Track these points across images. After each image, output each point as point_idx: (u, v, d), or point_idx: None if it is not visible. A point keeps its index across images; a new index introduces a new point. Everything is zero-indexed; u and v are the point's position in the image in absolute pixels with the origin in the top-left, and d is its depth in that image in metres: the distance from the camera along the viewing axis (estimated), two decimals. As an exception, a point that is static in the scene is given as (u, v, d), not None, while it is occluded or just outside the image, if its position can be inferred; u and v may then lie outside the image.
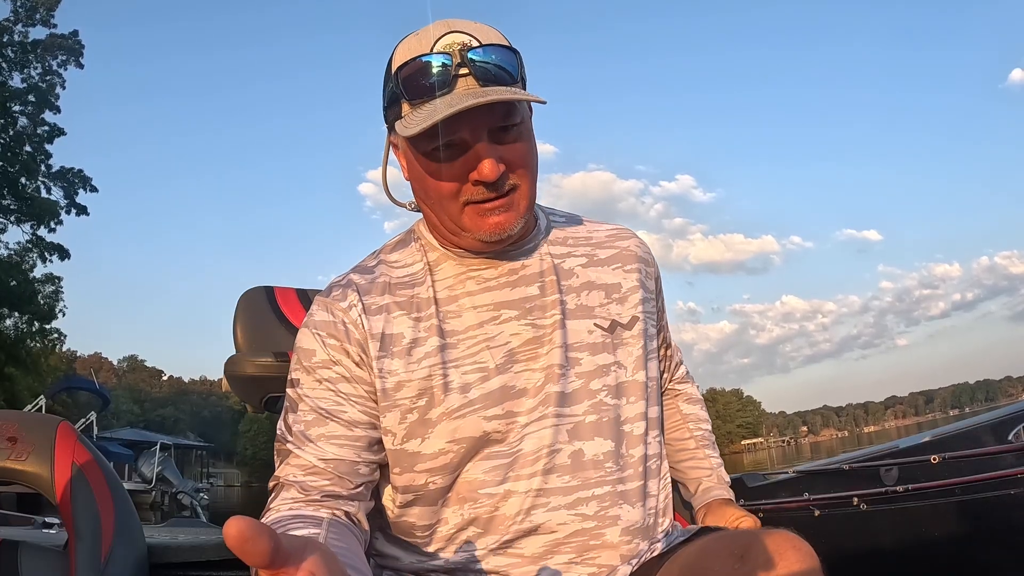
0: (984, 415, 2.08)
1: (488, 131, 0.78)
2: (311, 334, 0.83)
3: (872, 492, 1.79)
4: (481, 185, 0.79)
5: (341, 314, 0.82)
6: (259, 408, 1.49)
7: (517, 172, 0.81)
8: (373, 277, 0.86)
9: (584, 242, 0.95)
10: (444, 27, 0.79)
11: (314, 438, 0.79)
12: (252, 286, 1.54)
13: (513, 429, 0.81)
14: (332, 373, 0.81)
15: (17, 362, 21.33)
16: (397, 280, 0.86)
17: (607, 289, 0.91)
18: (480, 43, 0.78)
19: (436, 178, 0.80)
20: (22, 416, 1.24)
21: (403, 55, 0.80)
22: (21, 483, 1.16)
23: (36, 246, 21.53)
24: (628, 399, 0.87)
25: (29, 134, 21.37)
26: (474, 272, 0.86)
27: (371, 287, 0.85)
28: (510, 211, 0.82)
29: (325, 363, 0.81)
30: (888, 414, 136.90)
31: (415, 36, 0.81)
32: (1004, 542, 1.57)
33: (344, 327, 0.82)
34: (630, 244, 0.97)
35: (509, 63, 0.79)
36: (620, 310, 0.90)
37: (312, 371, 0.81)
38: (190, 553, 1.39)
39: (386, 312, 0.83)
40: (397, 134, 0.81)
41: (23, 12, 21.23)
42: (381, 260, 0.89)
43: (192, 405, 72.98)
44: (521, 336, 0.84)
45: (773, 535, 0.69)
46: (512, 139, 0.80)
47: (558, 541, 0.80)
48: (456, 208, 0.81)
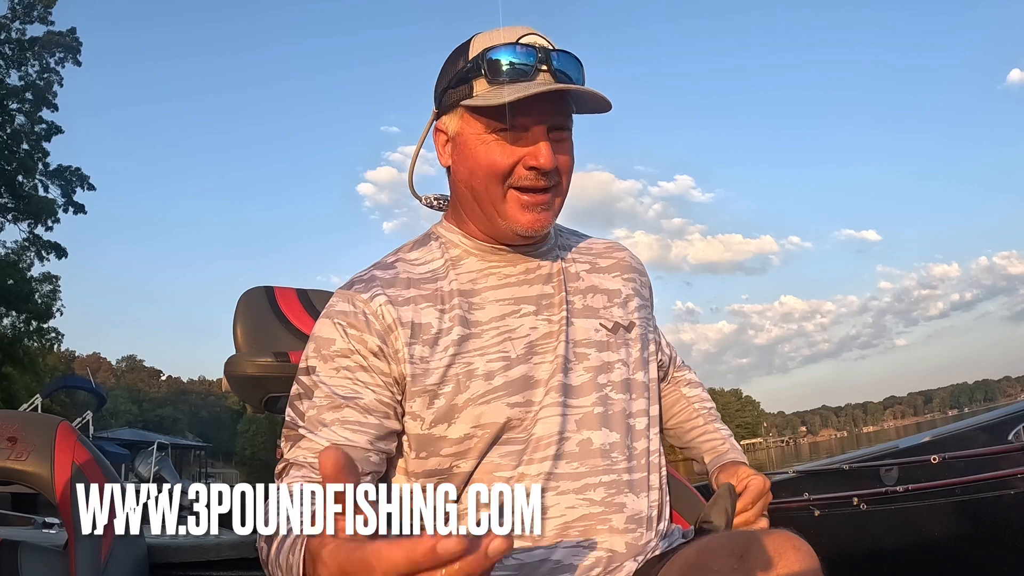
0: (984, 415, 2.08)
1: (549, 126, 0.84)
2: (331, 323, 0.84)
3: (872, 492, 1.79)
4: (533, 171, 0.84)
5: (362, 304, 0.84)
6: (259, 408, 1.49)
7: (562, 172, 0.87)
8: (395, 273, 0.89)
9: (586, 251, 1.01)
10: (524, 29, 0.87)
11: (328, 423, 0.80)
12: (252, 286, 1.54)
13: (529, 416, 0.84)
14: (350, 362, 0.82)
15: (14, 361, 21.29)
16: (419, 276, 0.89)
17: (609, 294, 0.97)
18: (555, 48, 0.86)
19: (492, 156, 0.84)
20: (22, 416, 1.24)
21: (486, 42, 0.86)
22: (21, 483, 1.16)
23: (33, 244, 21.49)
24: (632, 395, 0.92)
25: (26, 132, 21.33)
26: (495, 268, 0.91)
27: (394, 281, 0.87)
28: (549, 211, 0.88)
29: (344, 351, 0.82)
30: (887, 414, 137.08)
31: (496, 31, 0.87)
32: (1004, 542, 1.57)
33: (365, 317, 0.83)
34: (625, 255, 1.04)
35: (578, 71, 0.86)
36: (622, 313, 0.96)
37: (330, 359, 0.83)
38: (190, 553, 1.39)
39: (413, 303, 0.85)
40: (453, 114, 0.88)
41: (21, 9, 21.18)
42: (400, 258, 0.92)
43: (191, 405, 72.89)
44: (539, 330, 0.88)
45: (773, 535, 0.70)
46: (563, 140, 0.87)
47: (567, 524, 0.83)
48: (500, 191, 0.85)
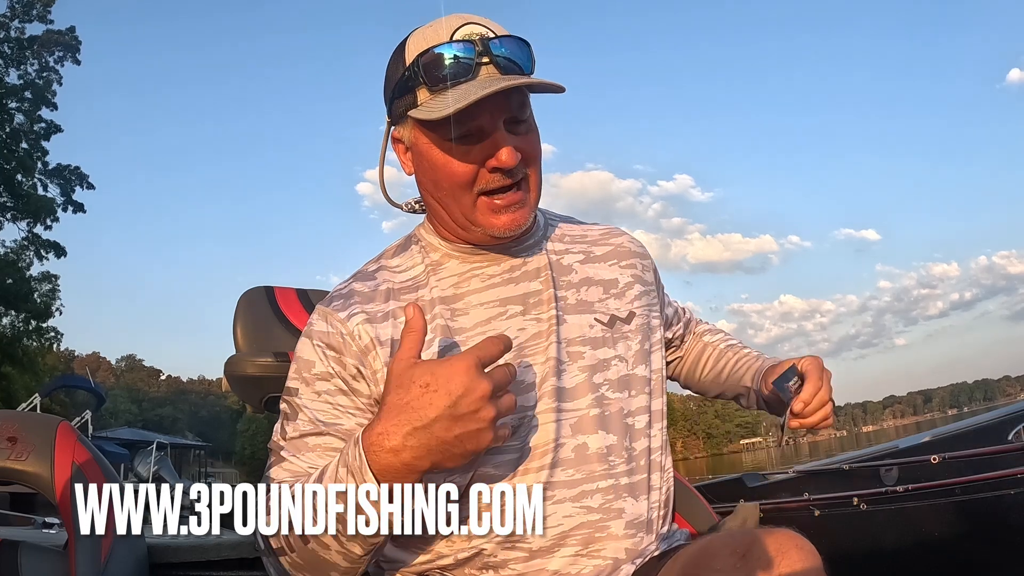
0: (984, 415, 2.08)
1: (505, 120, 0.79)
2: (310, 345, 0.83)
3: (872, 492, 1.79)
4: (498, 172, 0.80)
5: (339, 325, 0.82)
6: (259, 408, 1.49)
7: (529, 163, 0.83)
8: (375, 284, 0.86)
9: (580, 240, 0.97)
10: (459, 19, 0.80)
11: (310, 447, 0.79)
12: (252, 286, 1.54)
13: (522, 424, 0.82)
14: (330, 385, 0.81)
15: (13, 361, 21.28)
16: (400, 285, 0.87)
17: (604, 285, 0.93)
18: (496, 35, 0.79)
19: (451, 166, 0.80)
20: (22, 416, 1.24)
21: (420, 44, 0.80)
22: (21, 483, 1.15)
23: (32, 244, 21.50)
24: (630, 392, 0.89)
25: (26, 131, 21.33)
26: (478, 270, 0.87)
27: (374, 295, 0.85)
28: (523, 208, 0.83)
29: (323, 375, 0.81)
30: (886, 414, 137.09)
31: (430, 27, 0.82)
32: (1004, 542, 1.57)
33: (342, 338, 0.81)
34: (623, 240, 0.99)
35: (525, 55, 0.80)
36: (618, 305, 0.92)
37: (310, 383, 0.81)
38: (190, 553, 1.39)
39: (392, 318, 0.83)
40: (405, 124, 0.83)
41: (20, 8, 21.18)
42: (382, 266, 0.90)
43: (190, 405, 72.89)
44: (527, 331, 0.85)
45: (776, 534, 0.69)
46: (524, 131, 0.82)
47: (564, 534, 0.81)
48: (469, 200, 0.82)
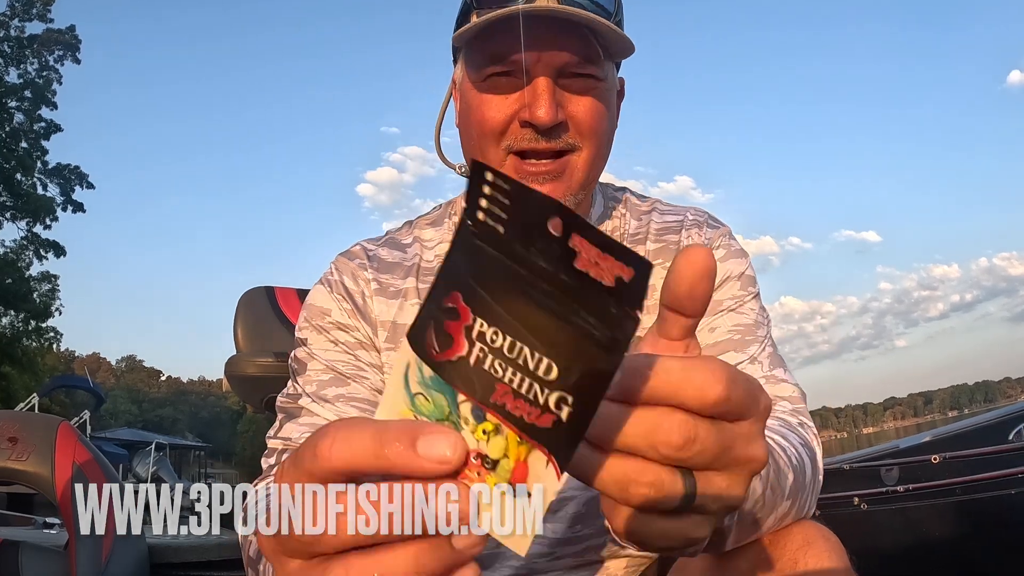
0: (984, 415, 2.08)
1: (557, 69, 0.65)
2: (327, 293, 0.75)
3: (872, 492, 1.79)
4: (530, 128, 0.65)
5: (362, 284, 0.75)
6: (260, 408, 1.49)
7: (580, 131, 0.67)
8: (403, 256, 0.78)
9: (631, 239, 0.81)
10: None
11: (331, 398, 0.68)
12: (252, 286, 1.54)
13: None
14: (349, 337, 0.72)
15: (13, 361, 21.26)
16: (426, 265, 0.77)
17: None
18: None
19: (482, 110, 0.67)
20: (23, 416, 1.24)
21: None
22: (22, 483, 1.16)
23: (32, 243, 21.48)
24: None
25: (25, 130, 21.32)
26: None
27: (397, 266, 0.78)
28: (559, 180, 0.68)
29: (340, 325, 0.73)
30: (887, 415, 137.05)
31: None
32: (1004, 542, 1.57)
33: (363, 299, 0.74)
34: (680, 239, 0.79)
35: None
36: None
37: (325, 330, 0.72)
38: (191, 553, 1.39)
39: (403, 298, 0.75)
40: (458, 60, 0.73)
41: (19, 7, 21.17)
42: (416, 238, 0.81)
43: (191, 405, 72.79)
44: None
45: (803, 524, 0.66)
46: (582, 90, 0.67)
47: (562, 541, 0.78)
48: (497, 156, 0.68)
